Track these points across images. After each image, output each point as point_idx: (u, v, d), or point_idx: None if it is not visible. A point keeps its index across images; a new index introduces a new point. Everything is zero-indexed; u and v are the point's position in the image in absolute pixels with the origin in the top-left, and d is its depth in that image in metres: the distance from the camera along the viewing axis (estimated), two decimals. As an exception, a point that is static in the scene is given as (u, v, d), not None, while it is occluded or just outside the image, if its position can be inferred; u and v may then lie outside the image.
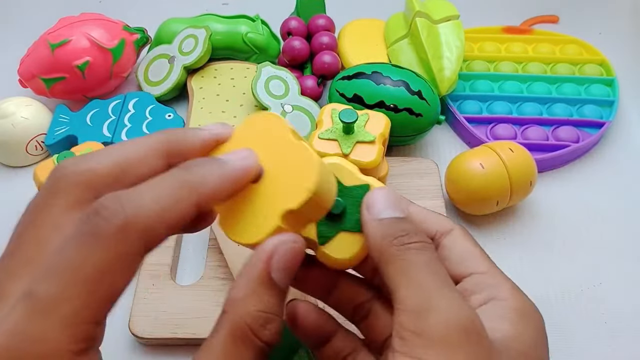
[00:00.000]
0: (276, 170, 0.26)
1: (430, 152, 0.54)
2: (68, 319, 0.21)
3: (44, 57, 0.52)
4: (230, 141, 0.27)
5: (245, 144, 0.27)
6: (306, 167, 0.25)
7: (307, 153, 0.25)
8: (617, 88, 0.56)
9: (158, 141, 0.25)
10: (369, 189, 0.28)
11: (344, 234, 0.28)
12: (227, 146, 0.27)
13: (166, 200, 0.22)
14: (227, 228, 0.26)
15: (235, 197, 0.26)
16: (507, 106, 0.56)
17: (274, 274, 0.24)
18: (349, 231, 0.28)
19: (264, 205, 0.25)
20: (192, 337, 0.40)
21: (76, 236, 0.22)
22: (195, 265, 0.45)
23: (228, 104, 0.55)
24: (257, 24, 0.59)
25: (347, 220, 0.28)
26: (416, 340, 0.22)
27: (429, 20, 0.55)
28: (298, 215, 0.25)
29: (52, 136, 0.52)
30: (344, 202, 0.28)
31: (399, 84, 0.48)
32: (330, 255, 0.27)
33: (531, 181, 0.45)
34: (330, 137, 0.43)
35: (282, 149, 0.26)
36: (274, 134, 0.26)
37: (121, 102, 0.54)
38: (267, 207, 0.25)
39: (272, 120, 0.27)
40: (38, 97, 0.55)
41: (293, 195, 0.25)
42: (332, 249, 0.27)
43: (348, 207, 0.28)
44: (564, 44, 0.62)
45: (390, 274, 0.24)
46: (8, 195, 0.51)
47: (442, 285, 0.24)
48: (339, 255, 0.27)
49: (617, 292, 0.44)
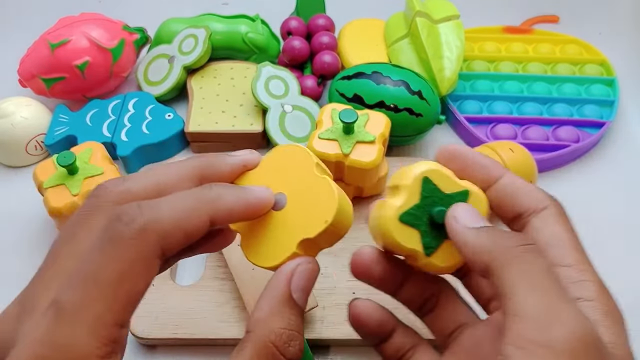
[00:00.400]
0: (298, 200, 0.28)
1: (431, 152, 0.54)
2: (93, 323, 0.22)
3: (43, 57, 0.52)
4: (258, 169, 0.30)
5: (272, 172, 0.29)
6: (327, 201, 0.27)
7: (329, 188, 0.27)
8: (617, 88, 0.56)
9: (192, 166, 0.27)
10: (468, 195, 0.29)
11: (448, 243, 0.28)
12: (255, 172, 0.30)
13: (182, 209, 0.24)
14: (247, 251, 0.29)
15: (256, 223, 0.28)
16: (508, 106, 0.56)
17: (294, 294, 0.26)
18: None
19: (283, 232, 0.28)
20: (192, 337, 0.40)
21: (98, 242, 0.23)
22: (195, 265, 0.45)
23: (228, 104, 0.55)
24: (257, 24, 0.59)
25: None
26: (539, 351, 0.21)
27: (429, 20, 0.55)
28: (314, 243, 0.27)
29: (52, 136, 0.52)
30: (446, 211, 0.28)
31: (399, 84, 0.48)
32: (437, 265, 0.28)
33: (531, 181, 0.45)
34: (330, 137, 0.43)
35: (306, 181, 0.28)
36: (300, 166, 0.29)
37: (121, 102, 0.54)
38: (286, 234, 0.27)
39: (298, 153, 0.29)
40: (38, 97, 0.55)
41: (312, 225, 0.27)
42: (438, 259, 0.28)
43: None
44: (564, 44, 0.62)
45: (507, 278, 0.23)
46: (8, 195, 0.51)
47: (564, 293, 0.22)
48: (444, 264, 0.28)
49: (617, 292, 0.44)
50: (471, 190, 0.29)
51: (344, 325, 0.40)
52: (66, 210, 0.42)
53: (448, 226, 0.26)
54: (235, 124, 0.53)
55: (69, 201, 0.42)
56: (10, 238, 0.48)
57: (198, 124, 0.53)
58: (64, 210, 0.42)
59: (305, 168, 0.28)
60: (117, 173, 0.44)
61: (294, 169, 0.29)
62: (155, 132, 0.52)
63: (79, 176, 0.43)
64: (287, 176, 0.29)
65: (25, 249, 0.47)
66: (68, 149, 0.44)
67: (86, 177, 0.43)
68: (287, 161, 0.29)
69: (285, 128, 0.52)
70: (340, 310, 0.41)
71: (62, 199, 0.42)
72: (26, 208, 0.49)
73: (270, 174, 0.29)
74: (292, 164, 0.29)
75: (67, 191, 0.42)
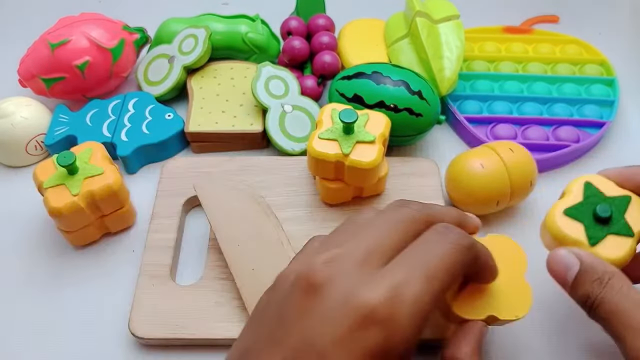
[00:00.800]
0: (503, 283, 0.34)
1: (430, 152, 0.54)
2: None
3: (43, 57, 0.52)
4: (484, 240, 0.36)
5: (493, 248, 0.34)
6: (522, 303, 0.34)
7: (528, 296, 0.34)
8: (617, 88, 0.56)
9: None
10: (630, 201, 0.34)
11: (612, 237, 0.33)
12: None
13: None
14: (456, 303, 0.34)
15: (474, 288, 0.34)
16: (508, 106, 0.56)
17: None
18: (617, 234, 0.33)
19: (483, 302, 0.34)
20: (192, 337, 0.40)
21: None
22: (195, 265, 0.45)
23: (228, 104, 0.55)
24: (257, 24, 0.59)
25: (614, 225, 0.34)
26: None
27: (429, 20, 0.55)
28: (496, 321, 0.34)
29: (52, 136, 0.52)
30: (610, 208, 0.33)
31: (399, 84, 0.48)
32: (602, 255, 0.32)
33: (531, 181, 0.45)
34: (330, 137, 0.43)
35: (515, 274, 0.34)
36: (516, 261, 0.35)
37: (121, 102, 0.54)
38: (485, 304, 0.34)
39: (517, 251, 0.36)
40: (38, 97, 0.55)
41: (505, 311, 0.33)
42: (602, 250, 0.33)
43: (614, 213, 0.34)
44: (564, 44, 0.62)
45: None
46: (8, 195, 0.51)
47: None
48: (610, 256, 0.33)
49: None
50: (633, 197, 0.34)
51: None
52: (66, 210, 0.42)
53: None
54: (235, 124, 0.53)
55: (69, 201, 0.42)
56: (10, 238, 0.48)
57: (198, 124, 0.53)
58: (64, 210, 0.42)
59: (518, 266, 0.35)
60: (117, 173, 0.44)
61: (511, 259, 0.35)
62: (155, 132, 0.52)
63: (79, 176, 0.43)
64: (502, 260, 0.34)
65: (25, 249, 0.47)
66: (68, 149, 0.44)
67: (86, 177, 0.43)
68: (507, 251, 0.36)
69: (285, 128, 0.52)
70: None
71: (62, 199, 0.42)
72: (26, 208, 0.49)
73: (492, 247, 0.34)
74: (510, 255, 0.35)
75: (67, 191, 0.42)
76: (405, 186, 0.48)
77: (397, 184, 0.48)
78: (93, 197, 0.43)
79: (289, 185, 0.49)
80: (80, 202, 0.42)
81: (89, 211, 0.43)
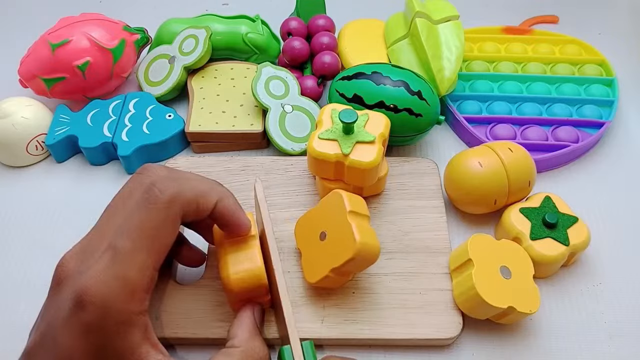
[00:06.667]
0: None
1: (430, 152, 0.54)
2: (140, 264, 0.31)
3: (44, 57, 0.52)
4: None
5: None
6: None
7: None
8: (616, 88, 0.57)
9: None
10: (576, 222, 0.43)
11: (552, 241, 0.42)
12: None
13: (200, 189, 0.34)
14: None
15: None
16: (507, 106, 0.56)
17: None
18: (557, 240, 0.42)
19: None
20: (192, 337, 0.40)
21: (140, 204, 0.32)
22: (195, 265, 0.45)
23: (228, 104, 0.55)
24: (257, 24, 0.59)
25: (558, 232, 0.43)
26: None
27: (429, 21, 0.55)
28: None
29: (53, 136, 0.52)
30: (558, 218, 0.43)
31: (398, 84, 0.48)
32: (538, 251, 0.42)
33: (530, 181, 0.46)
34: (330, 137, 0.43)
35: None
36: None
37: (121, 102, 0.54)
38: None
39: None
40: (38, 97, 0.55)
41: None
42: (540, 247, 0.42)
43: (559, 223, 0.43)
44: (563, 44, 0.62)
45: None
46: (8, 195, 0.51)
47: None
48: (546, 253, 0.42)
49: (617, 292, 0.44)
50: (580, 220, 0.43)
51: (343, 325, 0.40)
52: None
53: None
54: (236, 124, 0.53)
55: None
56: (10, 238, 0.48)
57: (198, 124, 0.53)
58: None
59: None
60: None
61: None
62: (155, 132, 0.52)
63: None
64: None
65: (25, 249, 0.47)
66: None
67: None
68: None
69: (285, 128, 0.52)
70: (340, 310, 0.41)
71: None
72: (26, 208, 0.49)
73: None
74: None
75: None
76: (405, 186, 0.49)
77: (397, 184, 0.49)
78: None
79: (289, 185, 0.49)
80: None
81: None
